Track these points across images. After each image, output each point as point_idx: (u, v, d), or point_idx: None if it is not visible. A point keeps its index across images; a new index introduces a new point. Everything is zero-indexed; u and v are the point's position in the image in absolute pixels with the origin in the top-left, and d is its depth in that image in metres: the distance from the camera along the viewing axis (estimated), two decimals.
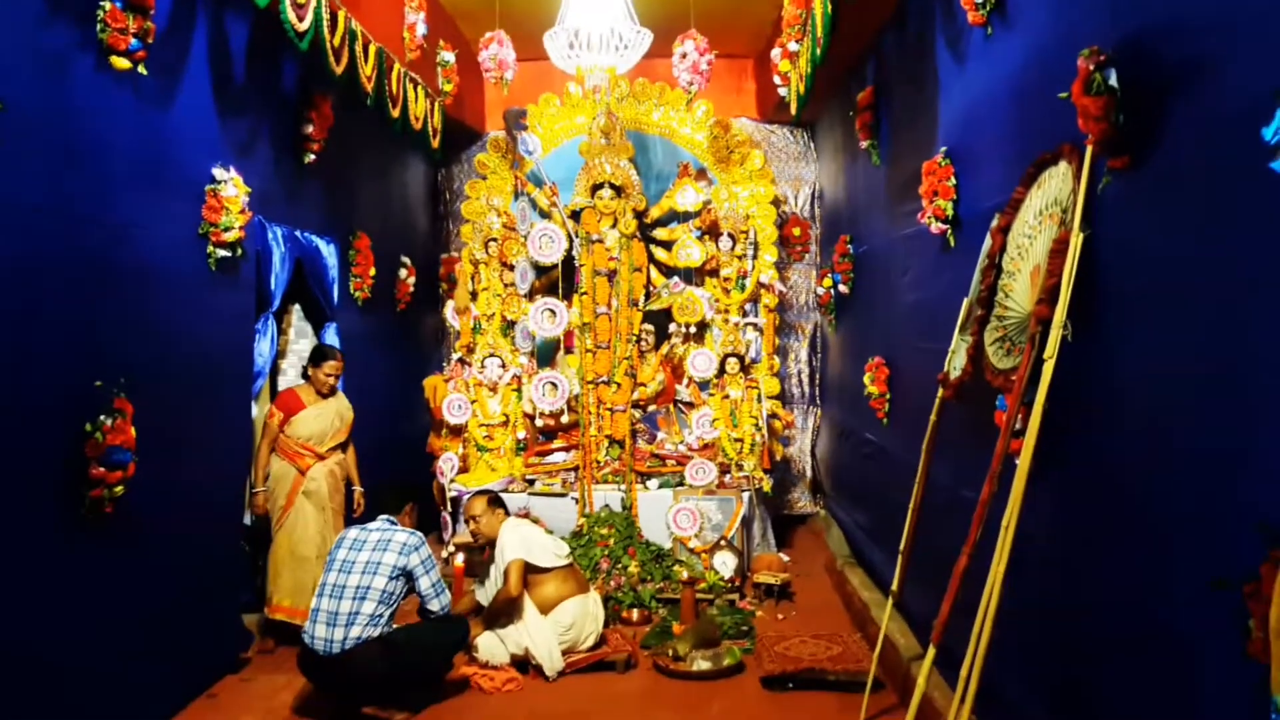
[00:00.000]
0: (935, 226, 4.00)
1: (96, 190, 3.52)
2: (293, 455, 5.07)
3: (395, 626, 4.25)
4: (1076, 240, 2.61)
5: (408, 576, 4.25)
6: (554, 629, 4.66)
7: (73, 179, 3.37)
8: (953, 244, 3.95)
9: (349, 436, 5.39)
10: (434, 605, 4.31)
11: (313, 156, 5.35)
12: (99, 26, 3.43)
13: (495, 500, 5.00)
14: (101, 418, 3.35)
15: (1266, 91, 1.65)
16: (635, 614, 5.45)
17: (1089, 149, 2.56)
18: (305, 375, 5.30)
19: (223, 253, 4.35)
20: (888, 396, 5.23)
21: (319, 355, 5.28)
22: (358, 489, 5.37)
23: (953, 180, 3.89)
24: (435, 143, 6.82)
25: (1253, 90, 1.76)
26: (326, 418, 5.21)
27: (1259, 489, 1.74)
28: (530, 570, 4.74)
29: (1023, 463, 2.68)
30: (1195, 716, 2.03)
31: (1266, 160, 1.46)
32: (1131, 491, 2.35)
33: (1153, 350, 2.27)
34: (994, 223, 3.24)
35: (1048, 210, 2.86)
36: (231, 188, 4.34)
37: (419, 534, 4.39)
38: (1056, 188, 2.82)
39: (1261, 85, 1.72)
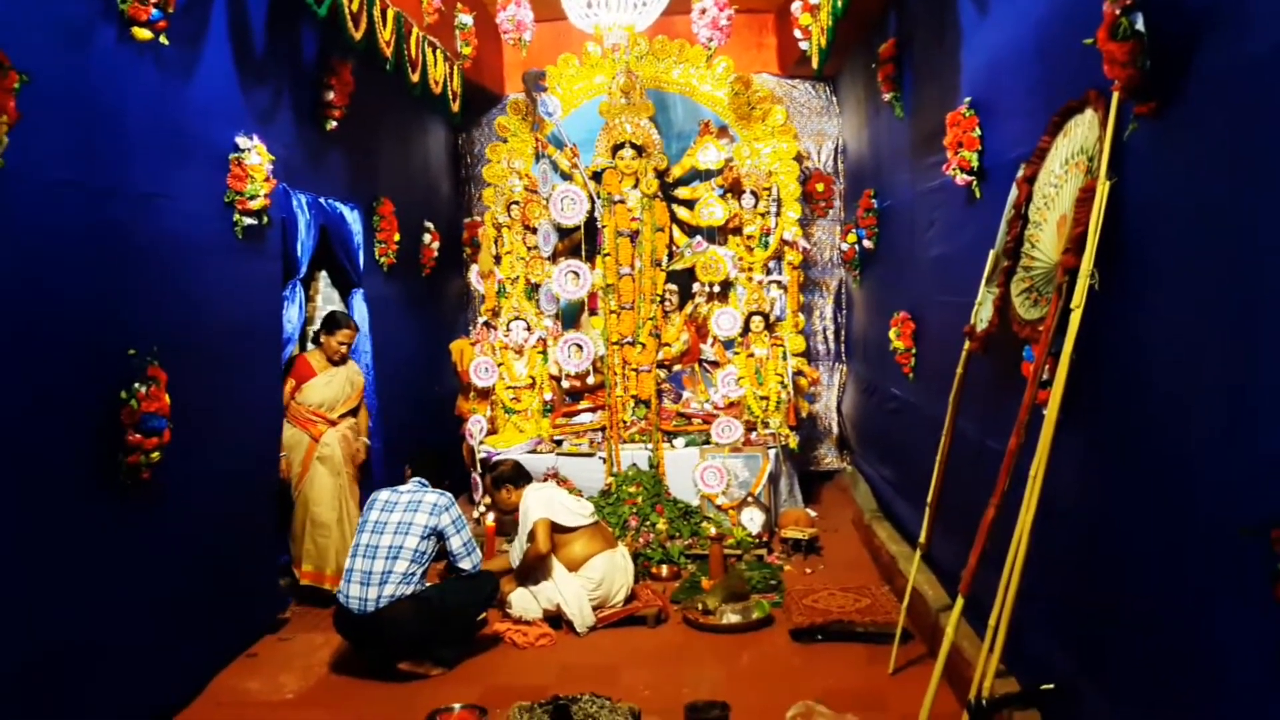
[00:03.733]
0: (960, 178, 3.96)
1: (121, 161, 3.55)
2: (304, 422, 5.14)
3: (428, 585, 4.33)
4: (1103, 189, 2.58)
5: (439, 536, 4.33)
6: (584, 585, 4.73)
7: (97, 151, 3.40)
8: (978, 195, 3.91)
9: (361, 401, 5.45)
10: (465, 564, 4.39)
11: (334, 123, 5.36)
12: None
13: (512, 479, 5.07)
14: (136, 385, 3.40)
15: None
16: (665, 570, 5.51)
17: (1115, 95, 2.52)
18: (317, 341, 5.35)
19: (249, 221, 4.38)
20: (913, 351, 5.22)
21: (332, 322, 5.33)
22: (364, 440, 5.44)
23: (977, 131, 3.85)
24: (455, 106, 6.81)
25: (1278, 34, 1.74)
26: (337, 384, 5.28)
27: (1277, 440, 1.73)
28: (556, 530, 4.81)
29: (1050, 413, 2.68)
30: (1221, 664, 2.04)
31: None
32: (1159, 440, 2.35)
33: (1180, 298, 2.26)
34: (1020, 173, 3.21)
35: (1074, 159, 2.83)
36: (255, 156, 4.36)
37: (449, 494, 4.46)
38: (1082, 136, 2.79)
39: None
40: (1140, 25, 2.28)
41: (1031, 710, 2.84)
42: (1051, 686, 2.00)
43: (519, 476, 5.10)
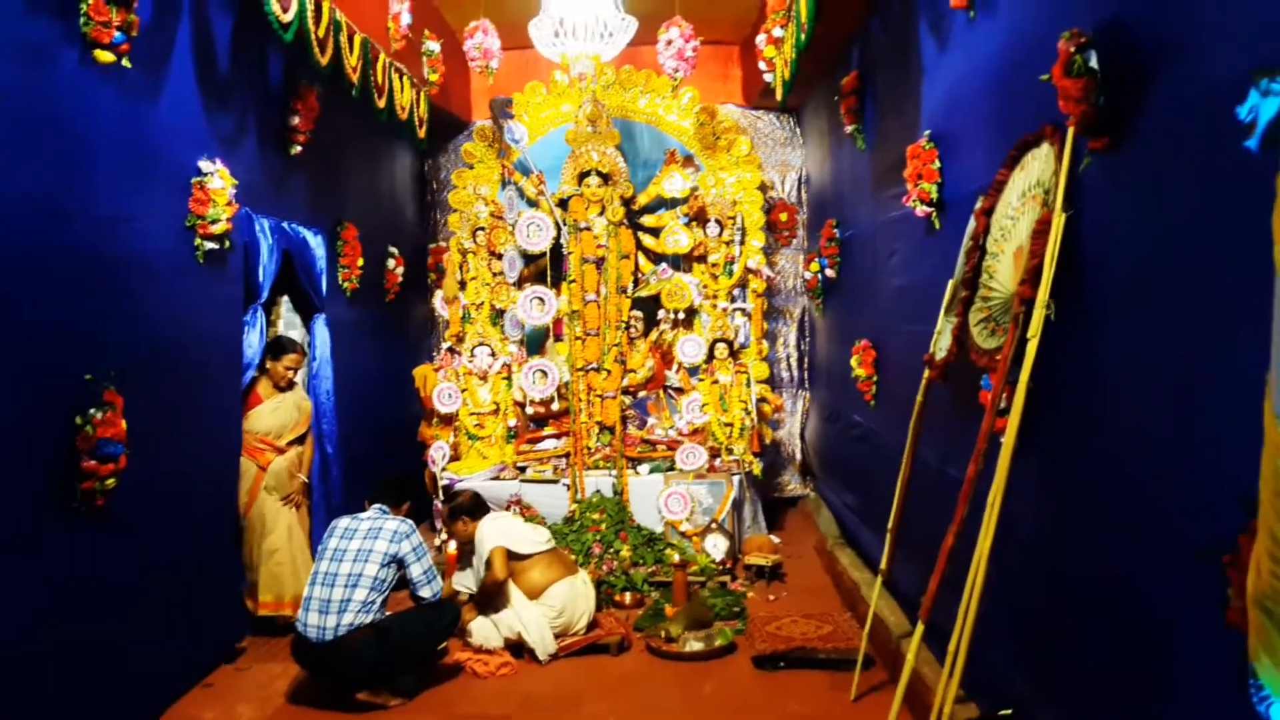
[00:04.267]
0: (920, 210, 4.03)
1: (82, 184, 3.52)
2: (252, 451, 5.02)
3: (387, 613, 4.28)
4: (1059, 221, 2.64)
5: (399, 563, 4.28)
6: (545, 613, 4.70)
7: (58, 173, 3.37)
8: (937, 227, 3.98)
9: (308, 429, 5.37)
10: (425, 592, 4.34)
11: (299, 148, 5.34)
12: (82, 20, 3.42)
13: (469, 510, 5.04)
14: (92, 411, 3.35)
15: (1241, 72, 1.68)
16: (628, 597, 5.49)
17: (1070, 130, 2.59)
18: (263, 368, 5.18)
19: (210, 245, 4.35)
20: (875, 379, 5.27)
21: (278, 348, 5.19)
22: (300, 478, 5.27)
23: (937, 163, 3.92)
24: (421, 132, 6.82)
25: (1228, 71, 1.79)
26: (285, 411, 5.18)
27: (1237, 462, 1.77)
28: (512, 557, 4.79)
29: (1008, 440, 2.72)
30: (1177, 686, 2.07)
31: (1241, 139, 1.49)
32: (1115, 466, 2.39)
33: (1133, 328, 2.31)
34: (978, 205, 3.28)
35: (1030, 192, 2.90)
36: (218, 180, 4.33)
37: (410, 521, 4.42)
38: (1039, 169, 2.85)
39: (1236, 66, 1.75)
40: (1094, 63, 2.36)
41: None
42: (1009, 712, 2.01)
43: (476, 508, 5.07)
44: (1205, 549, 1.83)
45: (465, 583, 5.06)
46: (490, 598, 4.77)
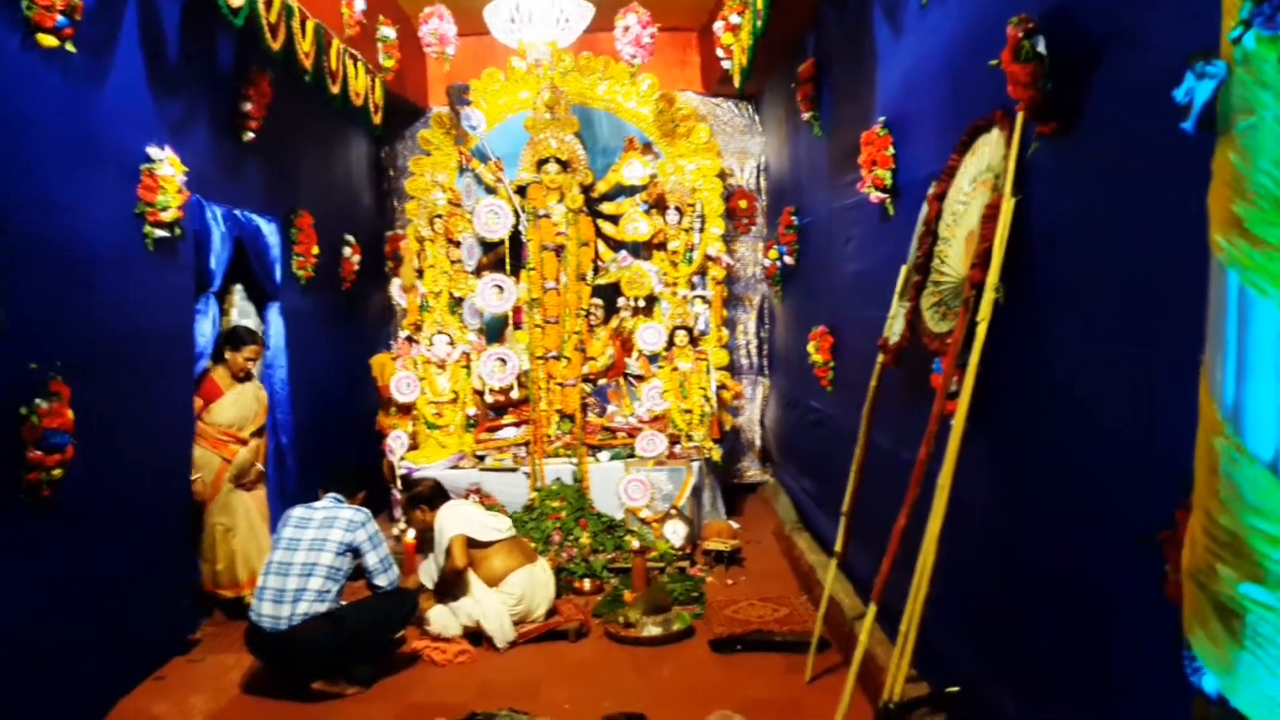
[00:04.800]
0: (875, 196, 4.06)
1: (25, 171, 3.44)
2: (215, 442, 4.98)
3: (343, 602, 4.25)
4: (1008, 205, 2.67)
5: (355, 552, 4.26)
6: (504, 601, 4.69)
7: (2, 161, 3.29)
8: (892, 212, 4.01)
9: (265, 419, 5.33)
10: (381, 580, 4.32)
11: (251, 134, 5.26)
12: (25, 3, 3.33)
13: (428, 499, 5.02)
14: (37, 401, 3.29)
15: (1179, 59, 1.71)
16: (587, 584, 5.50)
17: (1019, 115, 2.62)
18: (219, 358, 5.11)
19: (160, 233, 4.28)
20: (832, 364, 5.31)
21: (235, 339, 5.13)
22: (259, 466, 5.26)
23: (891, 150, 3.95)
24: (377, 119, 6.75)
25: (1170, 58, 1.82)
26: (245, 401, 5.14)
27: (1174, 441, 1.81)
28: (472, 545, 4.78)
29: (957, 423, 2.76)
30: (1123, 663, 2.11)
31: (1179, 120, 1.52)
32: (1062, 448, 2.43)
33: (1081, 311, 2.35)
34: (930, 190, 3.31)
35: (981, 177, 2.93)
36: (168, 167, 4.26)
37: (365, 510, 4.40)
38: (989, 154, 2.89)
39: (1177, 51, 1.78)
40: (1042, 48, 2.38)
41: (939, 714, 2.90)
42: (957, 689, 2.05)
43: (435, 496, 5.05)
44: (1145, 535, 1.86)
45: (429, 574, 5.03)
46: (449, 586, 4.75)
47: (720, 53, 6.24)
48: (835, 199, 5.17)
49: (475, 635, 4.66)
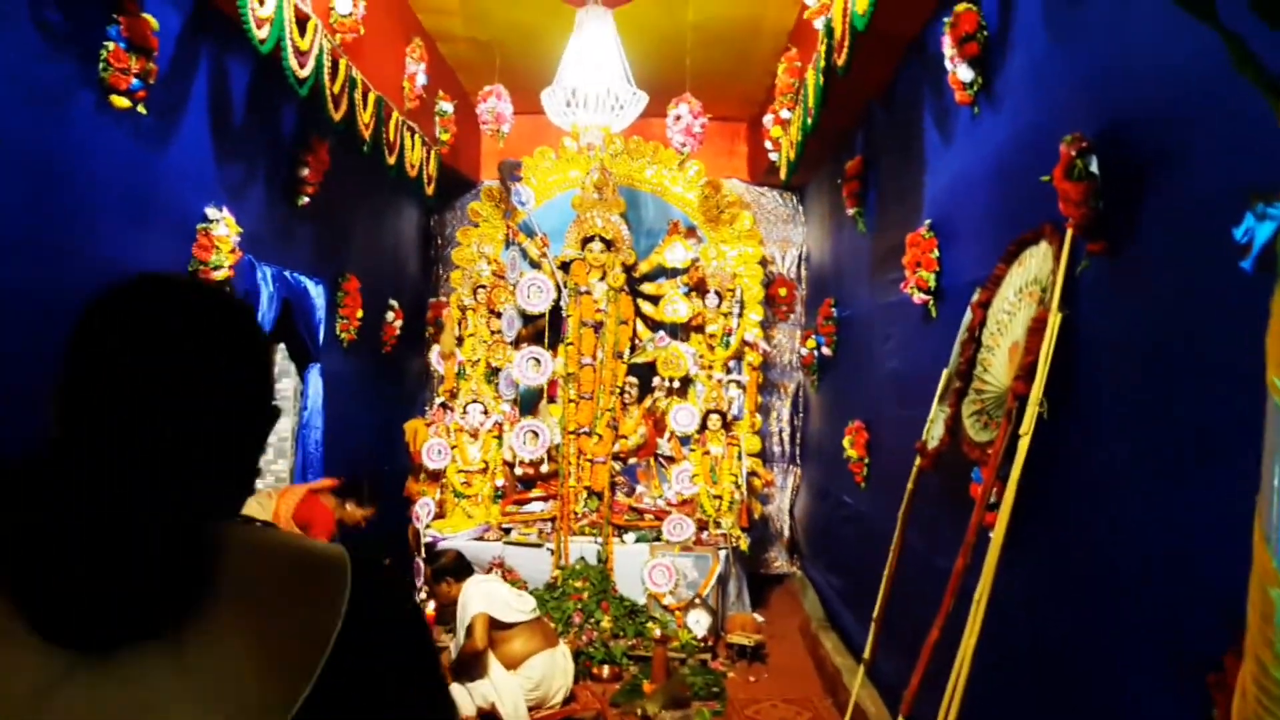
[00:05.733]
0: (918, 297, 4.06)
1: (88, 226, 3.53)
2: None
3: None
4: (1054, 320, 2.66)
5: None
6: (521, 685, 4.61)
7: (64, 214, 3.38)
8: (934, 315, 4.00)
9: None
10: None
11: (306, 199, 5.38)
12: (101, 65, 3.47)
13: (453, 571, 4.99)
14: None
15: (1234, 187, 1.71)
16: (606, 670, 5.40)
17: (1069, 232, 2.62)
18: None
19: None
20: (866, 460, 5.26)
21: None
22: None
23: (936, 253, 3.96)
24: (430, 189, 6.89)
25: (1225, 186, 1.82)
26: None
27: (1224, 577, 1.76)
28: (495, 626, 4.71)
29: (996, 536, 2.70)
30: None
31: (1238, 259, 1.50)
32: (1103, 570, 2.37)
33: (1125, 431, 2.31)
34: (975, 297, 3.30)
35: (1027, 288, 2.92)
36: (223, 227, 4.36)
37: None
38: (1036, 266, 2.88)
39: (1233, 182, 1.78)
40: (1094, 168, 2.39)
41: None
42: None
43: (460, 569, 5.01)
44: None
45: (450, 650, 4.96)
46: (467, 665, 4.68)
47: (768, 144, 6.34)
48: (877, 295, 5.17)
49: (489, 717, 4.58)
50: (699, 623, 5.82)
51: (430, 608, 5.55)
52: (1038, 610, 2.77)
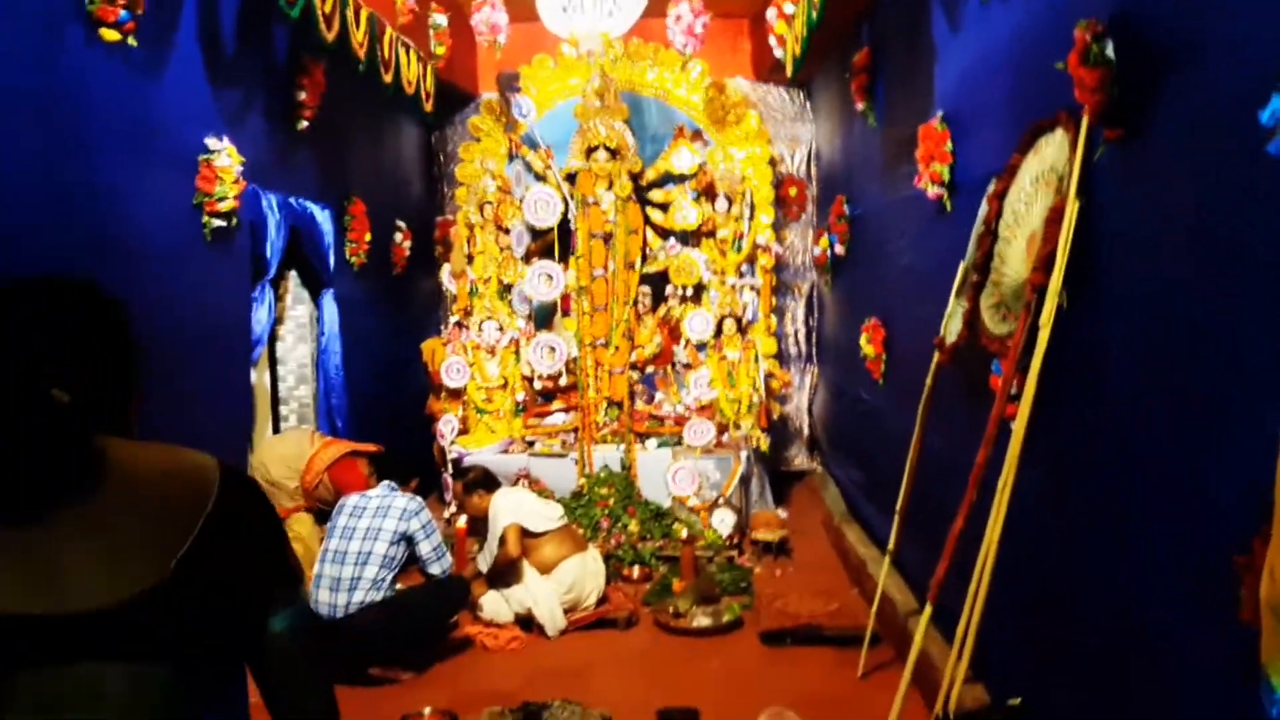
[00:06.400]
0: (932, 191, 4.01)
1: (87, 163, 3.51)
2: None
3: (398, 589, 4.32)
4: (1072, 209, 2.62)
5: (409, 541, 4.32)
6: (555, 590, 4.74)
7: (62, 152, 3.36)
8: (949, 209, 3.96)
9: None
10: (435, 569, 4.39)
11: (305, 123, 5.32)
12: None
13: (484, 484, 5.07)
14: None
15: (1260, 73, 1.67)
16: (636, 571, 5.53)
17: (1085, 119, 2.57)
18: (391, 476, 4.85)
19: (218, 222, 4.34)
20: (884, 358, 5.27)
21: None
22: None
23: (949, 145, 3.89)
24: (428, 106, 6.79)
25: (1248, 71, 1.78)
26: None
27: (1250, 461, 1.78)
28: (525, 534, 4.82)
29: (1018, 427, 2.73)
30: (1184, 679, 2.09)
31: (1262, 143, 1.48)
32: (1125, 458, 2.40)
33: (1146, 319, 2.30)
34: (990, 188, 3.26)
35: (1044, 177, 2.88)
36: (225, 157, 4.32)
37: (419, 499, 4.46)
38: (1053, 155, 2.83)
39: (1256, 67, 1.73)
40: (1110, 52, 2.33)
41: None
42: (1019, 701, 2.03)
43: (489, 482, 5.11)
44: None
45: (485, 560, 5.08)
46: (502, 573, 4.81)
47: (772, 41, 6.18)
48: (889, 191, 5.11)
49: (526, 621, 4.72)
50: (724, 522, 5.93)
51: (462, 521, 5.67)
52: (1058, 499, 2.81)
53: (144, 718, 1.09)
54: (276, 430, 6.00)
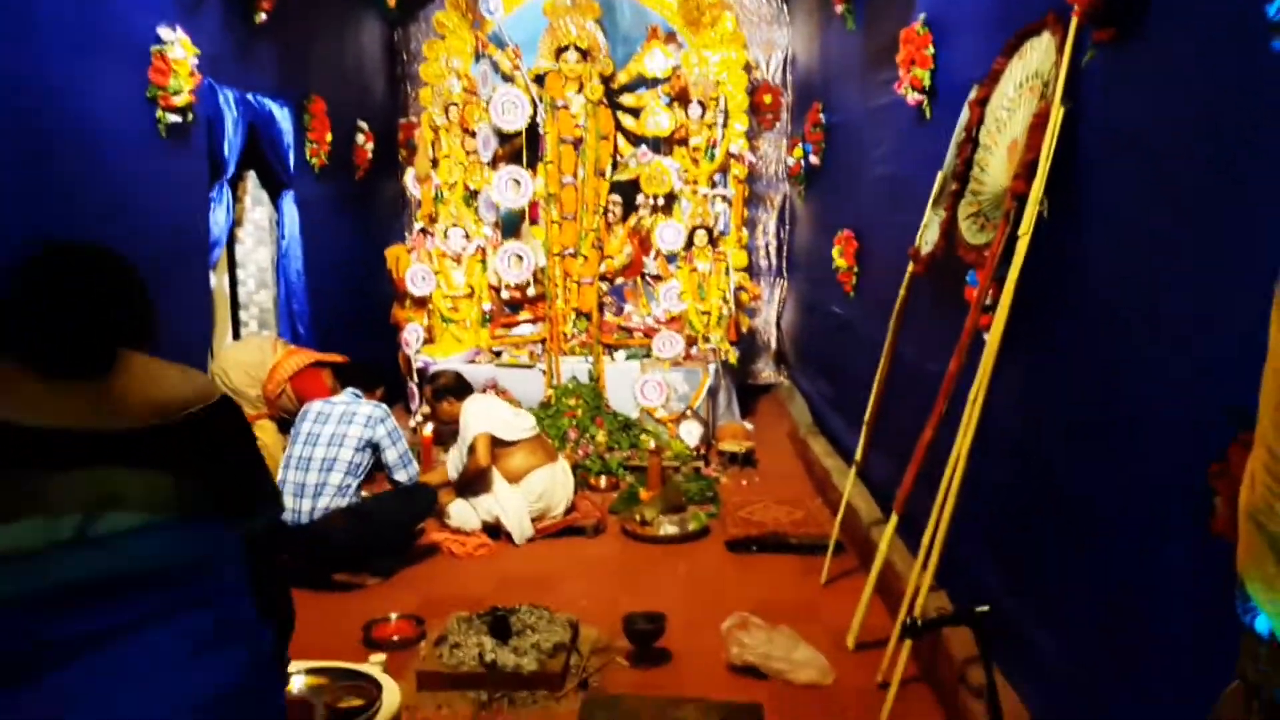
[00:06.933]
0: (912, 97, 3.92)
1: (32, 53, 3.32)
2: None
3: (364, 496, 4.29)
4: (1057, 114, 2.56)
5: (374, 448, 4.28)
6: (524, 498, 4.73)
7: (5, 42, 3.17)
8: (929, 116, 3.88)
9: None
10: (401, 476, 4.35)
11: (264, 16, 5.08)
12: None
13: (454, 390, 5.01)
14: None
15: None
16: (603, 481, 5.55)
17: (1074, 19, 2.49)
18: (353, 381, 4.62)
19: (173, 118, 4.17)
20: (856, 270, 5.23)
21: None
22: None
23: (931, 49, 3.79)
24: (391, 1, 6.51)
25: None
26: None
27: (1227, 373, 1.76)
28: (495, 443, 4.78)
29: (992, 338, 2.71)
30: (1155, 594, 2.10)
31: (1267, 39, 1.41)
32: (1100, 370, 2.38)
33: (1129, 230, 2.26)
34: (972, 94, 3.18)
35: (1028, 82, 2.80)
36: (179, 49, 4.13)
37: (384, 406, 4.40)
38: (1038, 59, 2.76)
39: None
40: None
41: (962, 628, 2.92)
42: (987, 609, 2.05)
43: (460, 388, 5.04)
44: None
45: (455, 466, 5.04)
46: (471, 482, 4.79)
47: None
48: (868, 98, 5.00)
49: (494, 529, 4.72)
50: (691, 433, 5.94)
51: (428, 429, 5.63)
52: (1031, 411, 2.80)
53: (155, 507, 1.41)
54: (237, 336, 5.89)
